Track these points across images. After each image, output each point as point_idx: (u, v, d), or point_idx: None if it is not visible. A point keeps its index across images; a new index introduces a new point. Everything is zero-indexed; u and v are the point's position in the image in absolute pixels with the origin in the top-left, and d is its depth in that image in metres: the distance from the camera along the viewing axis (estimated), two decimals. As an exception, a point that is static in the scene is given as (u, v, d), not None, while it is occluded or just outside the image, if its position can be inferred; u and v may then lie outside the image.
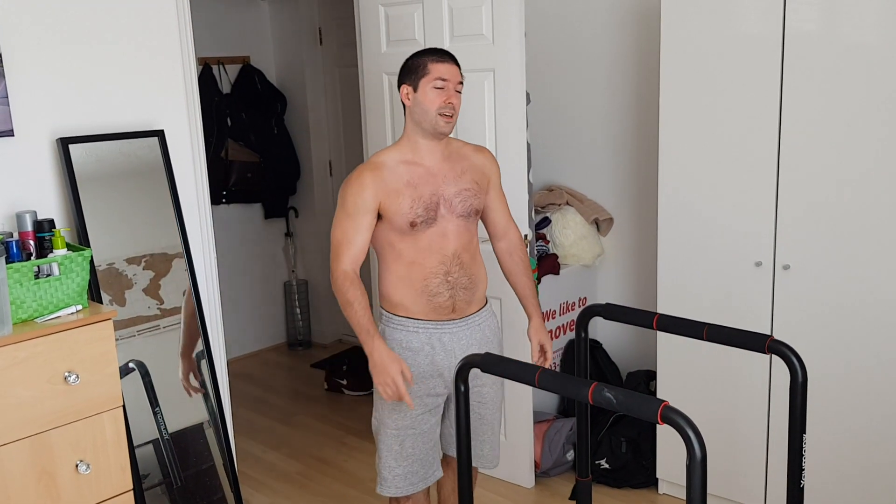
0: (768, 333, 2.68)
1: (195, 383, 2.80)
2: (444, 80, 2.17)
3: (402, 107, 3.26)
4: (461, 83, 2.22)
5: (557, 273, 3.47)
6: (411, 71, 2.22)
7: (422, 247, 2.22)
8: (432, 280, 2.23)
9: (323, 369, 4.63)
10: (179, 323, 2.80)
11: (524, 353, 3.11)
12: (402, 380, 2.11)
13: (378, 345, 2.13)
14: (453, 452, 2.44)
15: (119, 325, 2.60)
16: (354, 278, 2.19)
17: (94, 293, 2.54)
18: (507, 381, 3.15)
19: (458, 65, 2.23)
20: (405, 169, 2.22)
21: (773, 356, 2.56)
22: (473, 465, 2.45)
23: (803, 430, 1.90)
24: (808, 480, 2.50)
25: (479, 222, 2.39)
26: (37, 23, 2.47)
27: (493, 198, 2.39)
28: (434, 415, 2.34)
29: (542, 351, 2.45)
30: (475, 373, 2.28)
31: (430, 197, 2.21)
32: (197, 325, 2.81)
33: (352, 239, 2.19)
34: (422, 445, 2.32)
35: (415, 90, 2.21)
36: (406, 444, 2.30)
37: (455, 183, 2.26)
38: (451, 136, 3.16)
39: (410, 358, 2.27)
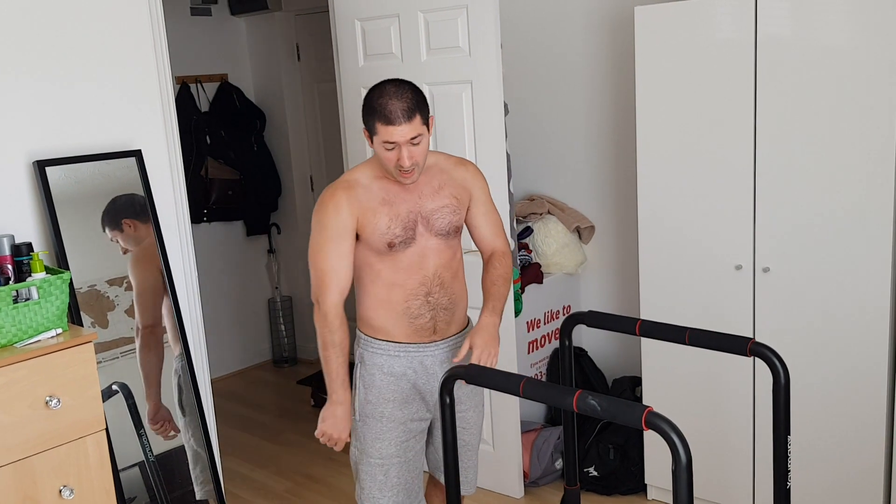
0: (750, 336, 2.70)
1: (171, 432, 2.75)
2: (391, 143, 2.01)
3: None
4: (416, 137, 2.01)
5: (541, 282, 3.48)
6: (366, 117, 2.05)
7: (401, 267, 2.13)
8: (413, 302, 2.15)
9: (309, 385, 4.61)
10: (166, 343, 2.78)
11: (510, 363, 3.11)
12: (345, 439, 2.19)
13: (347, 401, 2.18)
14: (441, 475, 2.35)
15: (101, 347, 2.58)
16: (344, 317, 2.13)
17: (74, 316, 2.52)
18: (494, 393, 3.15)
19: (412, 117, 1.99)
20: (380, 186, 2.12)
21: (756, 359, 2.57)
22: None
23: (788, 432, 1.91)
24: (795, 481, 2.52)
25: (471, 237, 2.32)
26: (10, 45, 2.46)
27: (476, 213, 2.26)
28: (419, 441, 2.26)
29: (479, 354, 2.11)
30: (458, 397, 2.21)
31: (407, 215, 2.11)
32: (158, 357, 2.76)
33: (336, 266, 2.09)
34: (407, 474, 2.24)
35: (370, 138, 2.07)
36: (391, 474, 2.21)
37: (432, 199, 2.15)
38: (433, 148, 3.11)
39: (392, 383, 2.19)
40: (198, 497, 2.82)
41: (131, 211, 2.70)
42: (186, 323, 2.86)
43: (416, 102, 2.02)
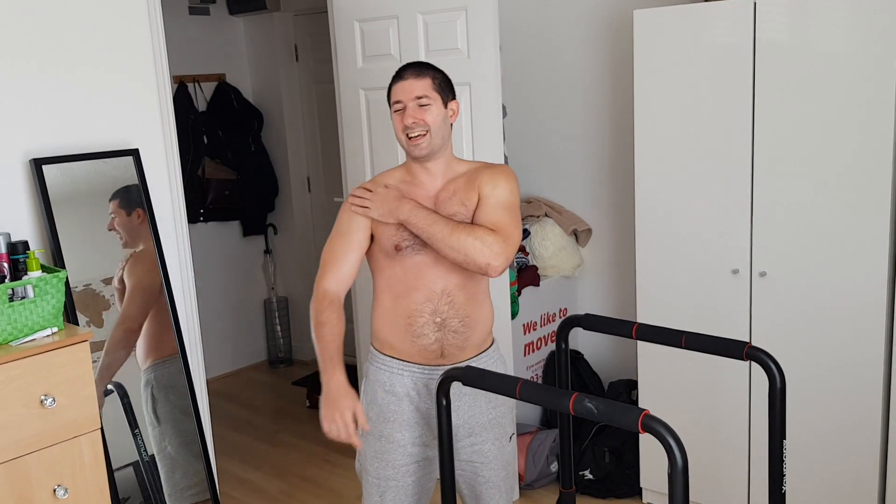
0: (746, 340, 2.70)
1: None
2: (398, 101, 2.01)
3: (379, 121, 3.29)
4: (423, 97, 2.00)
5: (538, 285, 3.48)
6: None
7: (409, 277, 2.03)
8: (417, 319, 2.03)
9: (305, 386, 4.60)
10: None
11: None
12: (351, 419, 1.93)
13: (337, 376, 1.96)
14: None
15: (97, 346, 2.57)
16: (334, 300, 2.03)
17: (69, 315, 2.51)
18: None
19: (420, 76, 2.01)
20: (404, 189, 2.08)
21: (752, 363, 2.57)
22: None
23: (783, 436, 1.91)
24: (790, 484, 2.52)
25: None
26: (8, 42, 2.46)
27: (476, 214, 2.03)
28: (422, 468, 2.13)
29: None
30: (470, 429, 2.12)
31: None
32: (120, 357, 2.70)
33: (340, 258, 2.06)
34: (405, 499, 2.12)
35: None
36: (387, 497, 2.11)
37: (445, 206, 2.04)
38: (470, 158, 2.94)
39: (393, 403, 2.09)
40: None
41: (145, 206, 2.74)
42: (182, 323, 2.85)
43: (433, 72, 2.05)
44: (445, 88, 2.06)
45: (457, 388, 2.05)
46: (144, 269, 2.73)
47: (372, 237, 2.08)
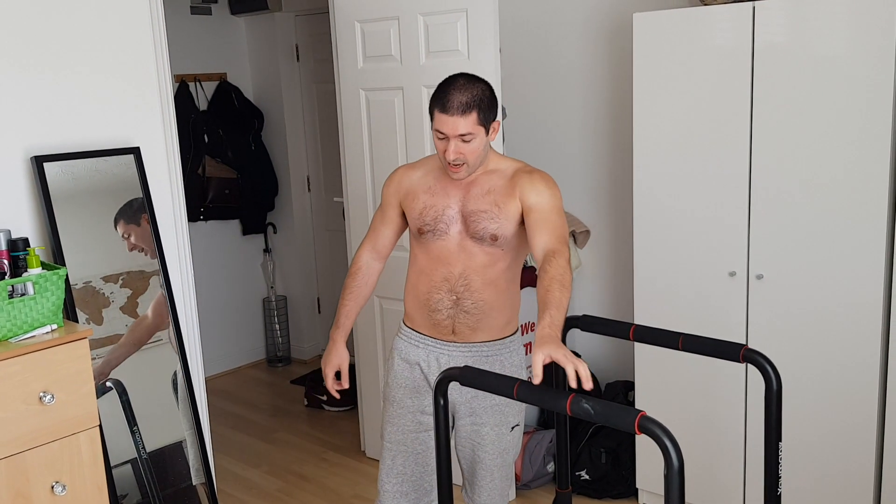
0: (743, 342, 2.71)
1: None
2: (442, 133, 2.01)
3: (379, 122, 3.30)
4: (466, 134, 1.99)
5: (536, 285, 3.48)
6: (430, 101, 2.05)
7: (432, 257, 2.16)
8: (434, 294, 2.15)
9: (303, 385, 4.61)
10: (160, 340, 2.78)
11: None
12: (331, 373, 2.29)
13: (336, 336, 2.30)
14: (462, 485, 2.35)
15: (96, 343, 2.58)
16: (362, 266, 2.30)
17: (69, 312, 2.51)
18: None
19: (466, 113, 1.97)
20: (435, 176, 2.17)
21: (749, 365, 2.58)
22: None
23: (779, 438, 1.92)
24: (785, 486, 2.53)
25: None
26: (10, 40, 2.46)
27: (529, 222, 2.06)
28: (432, 437, 2.22)
29: (574, 372, 1.73)
30: (472, 409, 2.21)
31: (442, 210, 2.12)
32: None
33: (378, 230, 2.30)
34: (414, 466, 2.24)
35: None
36: (397, 461, 2.25)
37: (477, 201, 2.10)
38: (513, 157, 3.02)
39: (407, 370, 2.24)
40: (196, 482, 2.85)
41: (145, 205, 2.77)
42: (182, 321, 2.86)
43: (478, 101, 1.99)
44: (489, 115, 2.03)
45: (459, 361, 2.17)
46: None
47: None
